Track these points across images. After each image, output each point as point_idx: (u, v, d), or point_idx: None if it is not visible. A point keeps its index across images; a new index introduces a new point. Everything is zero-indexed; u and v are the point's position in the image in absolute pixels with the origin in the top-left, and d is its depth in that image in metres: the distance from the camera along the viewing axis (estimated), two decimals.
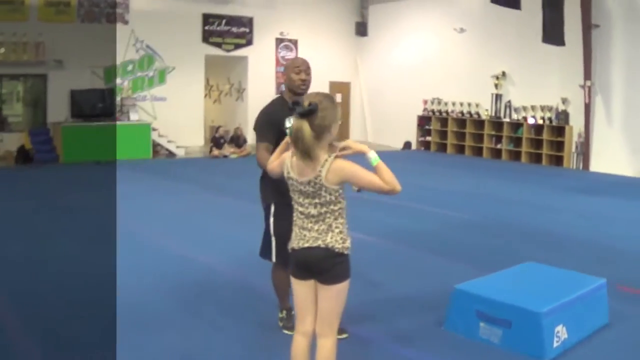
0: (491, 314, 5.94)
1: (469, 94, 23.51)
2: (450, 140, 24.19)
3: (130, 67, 22.70)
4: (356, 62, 28.07)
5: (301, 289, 4.59)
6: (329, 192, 4.37)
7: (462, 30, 23.59)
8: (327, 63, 26.43)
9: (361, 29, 27.92)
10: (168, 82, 23.43)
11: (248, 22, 25.12)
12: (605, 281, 6.72)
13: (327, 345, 4.53)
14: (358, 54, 28.06)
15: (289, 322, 6.27)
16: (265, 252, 6.24)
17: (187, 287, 7.72)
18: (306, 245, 4.46)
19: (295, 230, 4.59)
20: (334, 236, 4.43)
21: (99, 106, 21.34)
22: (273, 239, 6.06)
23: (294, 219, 4.62)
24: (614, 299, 7.15)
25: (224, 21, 24.50)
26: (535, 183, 17.17)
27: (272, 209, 6.05)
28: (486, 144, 22.99)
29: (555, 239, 10.80)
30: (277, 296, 6.42)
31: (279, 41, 26.08)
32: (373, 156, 4.41)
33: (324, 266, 4.41)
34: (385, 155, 4.48)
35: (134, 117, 21.76)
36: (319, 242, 4.42)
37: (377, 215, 12.00)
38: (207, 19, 24.19)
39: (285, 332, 6.22)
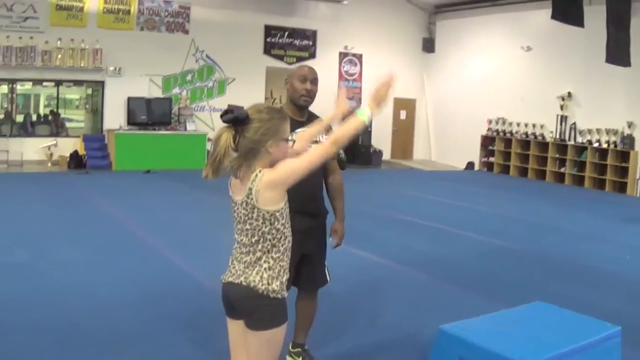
0: None
1: (534, 114, 22.84)
2: (514, 162, 23.52)
3: (189, 77, 22.57)
4: (422, 79, 27.52)
5: (231, 328, 3.96)
6: (262, 217, 3.65)
7: (528, 48, 22.97)
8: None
9: (428, 45, 27.38)
10: (227, 93, 23.19)
11: (311, 35, 24.83)
12: (619, 329, 5.92)
13: None
14: (424, 70, 27.53)
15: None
16: None
17: (166, 303, 7.38)
18: (230, 279, 3.80)
19: (230, 260, 3.92)
20: (260, 272, 3.70)
21: (155, 115, 21.29)
22: None
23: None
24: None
25: (286, 33, 24.24)
26: (592, 211, 16.39)
27: None
28: (550, 167, 22.29)
29: (595, 275, 10.02)
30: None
31: (342, 55, 25.72)
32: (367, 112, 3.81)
33: (246, 308, 3.74)
34: (448, 175, 4.02)
35: (190, 127, 21.65)
36: (242, 279, 3.72)
37: (401, 237, 11.49)
38: (269, 30, 23.98)
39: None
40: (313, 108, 5.55)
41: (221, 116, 3.66)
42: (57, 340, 6.21)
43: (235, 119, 3.62)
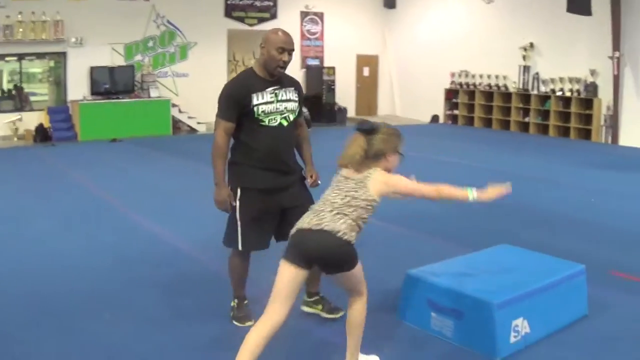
0: (442, 304, 5.44)
1: (497, 66, 22.90)
2: (478, 113, 23.63)
3: (150, 44, 22.39)
4: (384, 35, 27.47)
5: (289, 275, 4.45)
6: (365, 196, 4.57)
7: (490, 1, 22.98)
8: (354, 36, 26.21)
9: (389, 1, 27.19)
10: (190, 58, 23.12)
11: None
12: (583, 267, 6.06)
13: (358, 306, 4.71)
14: (386, 26, 27.42)
15: (240, 312, 5.86)
16: (230, 240, 5.72)
17: (138, 267, 7.49)
18: (311, 227, 4.48)
19: (310, 214, 4.63)
20: (345, 224, 4.47)
21: (118, 83, 21.16)
22: (239, 225, 5.59)
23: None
24: (604, 286, 6.75)
25: None
26: (559, 158, 16.60)
27: (238, 193, 5.58)
28: (514, 117, 22.43)
29: (560, 218, 10.28)
30: (231, 283, 5.95)
31: (304, 14, 25.63)
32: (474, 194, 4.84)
33: (331, 254, 4.47)
34: (413, 129, 4.17)
35: (154, 93, 21.55)
36: (328, 227, 4.44)
37: None
38: None
39: (235, 323, 5.82)
40: None
41: (359, 126, 4.76)
42: (32, 305, 6.31)
43: (370, 129, 4.69)
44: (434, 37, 25.19)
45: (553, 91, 21.16)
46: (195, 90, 22.43)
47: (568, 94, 20.70)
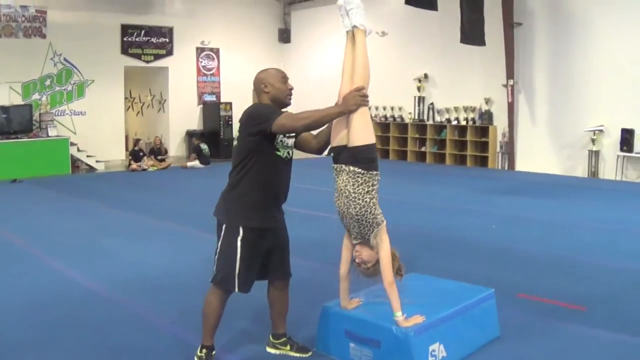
0: (360, 334, 5.60)
1: (393, 97, 23.37)
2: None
3: (48, 82, 22.13)
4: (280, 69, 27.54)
5: None
6: None
7: (383, 33, 23.34)
8: (250, 71, 25.68)
9: (284, 36, 27.69)
10: (87, 96, 22.87)
11: (168, 32, 24.68)
12: (492, 291, 6.36)
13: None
14: (282, 60, 27.66)
15: None
16: (224, 280, 5.50)
17: (52, 312, 7.34)
18: None
19: None
20: None
21: (16, 122, 20.82)
22: (237, 265, 5.43)
23: None
24: (512, 308, 7.05)
25: (143, 32, 24.01)
26: (456, 185, 17.04)
27: (240, 232, 5.42)
28: (410, 147, 22.90)
29: (464, 244, 10.56)
30: (203, 328, 5.65)
31: (200, 50, 25.67)
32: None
33: None
34: (309, 163, 4.27)
35: (52, 132, 21.27)
36: None
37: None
38: (125, 29, 23.68)
39: None
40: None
41: None
42: None
43: None
44: (329, 69, 25.23)
45: (448, 120, 21.67)
46: (93, 128, 22.34)
47: (463, 122, 21.20)
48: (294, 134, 5.62)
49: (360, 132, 5.35)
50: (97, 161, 22.00)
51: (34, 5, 21.17)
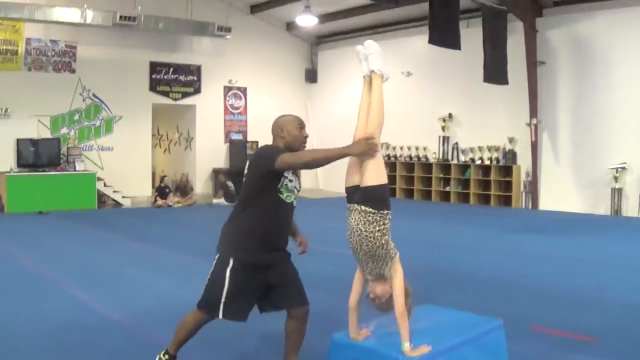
0: None
1: (417, 137, 23.53)
2: (400, 184, 24.06)
3: (76, 117, 22.40)
4: (306, 108, 27.87)
5: None
6: None
7: (409, 73, 23.56)
8: (277, 110, 25.90)
9: (311, 76, 27.97)
10: (115, 132, 23.14)
11: (196, 70, 24.99)
12: (501, 322, 6.29)
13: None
14: (308, 100, 27.99)
15: None
16: (209, 305, 5.66)
17: (74, 337, 7.45)
18: None
19: None
20: None
21: (44, 156, 21.12)
22: (224, 294, 5.55)
23: None
24: (525, 340, 7.06)
25: (171, 69, 24.33)
26: (479, 225, 17.05)
27: (230, 262, 5.56)
28: (435, 187, 22.96)
29: (482, 280, 10.61)
30: (173, 337, 5.91)
31: (227, 89, 25.93)
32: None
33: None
34: (334, 202, 4.36)
35: (79, 167, 21.52)
36: None
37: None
38: (154, 67, 24.00)
39: None
40: None
41: None
42: None
43: None
44: (354, 110, 25.43)
45: (472, 160, 21.75)
46: (120, 164, 22.58)
47: (487, 162, 21.29)
48: (295, 179, 5.80)
49: (372, 172, 5.50)
50: (123, 197, 22.17)
51: (64, 40, 21.59)
